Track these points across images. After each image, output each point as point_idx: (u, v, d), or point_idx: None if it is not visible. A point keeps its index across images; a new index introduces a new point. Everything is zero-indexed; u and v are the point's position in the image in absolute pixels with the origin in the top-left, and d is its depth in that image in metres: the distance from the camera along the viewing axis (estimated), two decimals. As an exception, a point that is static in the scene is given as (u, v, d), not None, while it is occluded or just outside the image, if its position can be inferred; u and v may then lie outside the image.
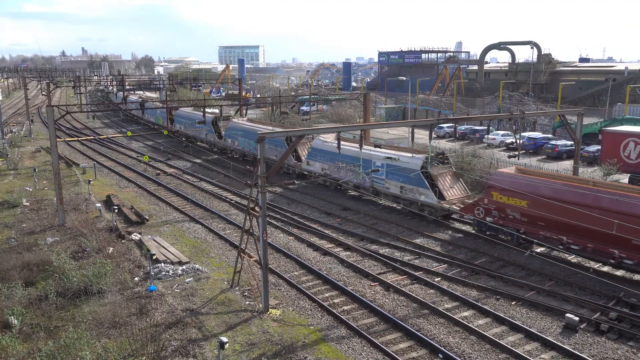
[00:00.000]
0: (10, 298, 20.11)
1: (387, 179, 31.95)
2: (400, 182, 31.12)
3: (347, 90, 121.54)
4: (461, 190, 30.76)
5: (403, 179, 30.87)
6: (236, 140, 48.27)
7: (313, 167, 37.94)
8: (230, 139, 49.05)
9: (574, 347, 17.00)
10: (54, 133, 30.30)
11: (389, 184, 31.88)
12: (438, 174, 30.20)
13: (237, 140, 48.11)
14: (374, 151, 33.39)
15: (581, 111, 31.28)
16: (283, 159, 19.96)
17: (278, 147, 40.88)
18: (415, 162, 30.40)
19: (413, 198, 30.38)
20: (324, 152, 36.22)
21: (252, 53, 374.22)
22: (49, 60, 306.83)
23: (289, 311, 19.64)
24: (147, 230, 29.14)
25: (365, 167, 32.05)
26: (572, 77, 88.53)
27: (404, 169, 30.72)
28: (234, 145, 48.85)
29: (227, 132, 49.96)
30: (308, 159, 38.61)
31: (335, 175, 35.60)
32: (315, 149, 37.56)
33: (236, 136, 48.09)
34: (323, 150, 36.60)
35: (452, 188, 30.38)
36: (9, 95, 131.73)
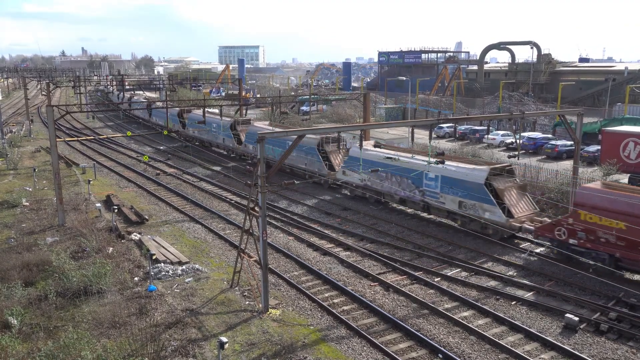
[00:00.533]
0: (9, 298, 20.11)
1: (442, 193, 28.45)
2: (459, 196, 27.61)
3: (347, 90, 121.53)
4: (529, 206, 27.04)
5: (463, 193, 27.36)
6: None
7: (350, 178, 34.38)
8: (253, 145, 44.69)
9: (574, 347, 17.00)
10: (53, 133, 30.30)
11: (444, 198, 28.38)
12: (504, 188, 26.59)
13: None
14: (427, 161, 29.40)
15: (581, 111, 31.25)
16: (283, 158, 19.95)
17: (309, 155, 38.06)
18: (478, 174, 26.88)
19: (475, 215, 26.70)
20: (365, 161, 32.05)
21: (252, 53, 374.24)
22: (48, 60, 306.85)
23: (289, 311, 19.64)
24: (147, 230, 29.14)
25: (416, 180, 29.77)
26: (572, 77, 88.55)
27: (463, 182, 27.27)
28: (256, 151, 45.83)
29: (249, 137, 45.88)
30: (344, 169, 35.00)
31: (378, 187, 32.50)
32: (354, 158, 33.87)
33: None
34: (363, 159, 32.20)
35: (519, 204, 26.78)
36: (9, 95, 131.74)
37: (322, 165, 37.23)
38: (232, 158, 49.42)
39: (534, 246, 24.99)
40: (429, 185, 29.20)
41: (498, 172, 27.52)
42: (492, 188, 26.70)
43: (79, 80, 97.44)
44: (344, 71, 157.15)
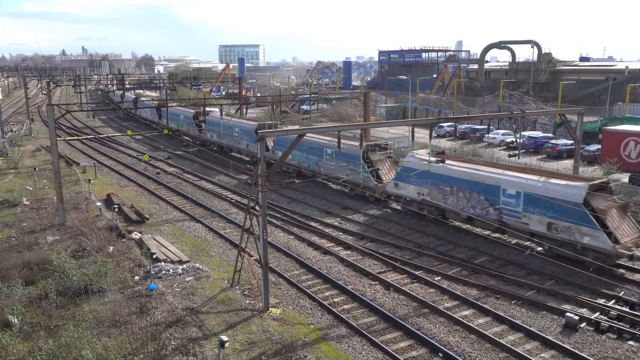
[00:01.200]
0: (10, 297, 20.12)
1: (524, 212, 24.58)
2: (548, 217, 23.68)
3: (347, 89, 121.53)
4: (633, 230, 23.66)
5: (553, 214, 23.48)
6: None
7: (404, 191, 30.52)
8: (282, 150, 40.20)
9: (574, 346, 17.01)
10: (54, 132, 30.31)
11: (528, 218, 24.46)
12: (606, 208, 22.93)
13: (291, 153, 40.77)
14: (506, 175, 25.78)
15: (581, 110, 31.28)
16: (283, 157, 19.96)
17: (351, 165, 34.08)
18: (575, 192, 22.98)
19: (570, 239, 22.98)
20: (423, 172, 28.99)
21: (252, 52, 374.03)
22: (49, 59, 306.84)
23: (289, 310, 19.65)
24: (148, 229, 29.15)
25: (491, 196, 25.79)
26: (572, 76, 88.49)
27: (555, 200, 23.41)
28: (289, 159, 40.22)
29: (277, 143, 42.08)
30: (397, 181, 31.17)
31: (439, 202, 28.52)
32: (409, 169, 30.26)
33: None
34: (421, 170, 29.16)
35: (622, 226, 23.42)
36: (9, 94, 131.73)
37: (368, 177, 33.32)
38: None
39: (535, 245, 25.00)
40: (508, 202, 25.34)
41: (598, 188, 23.96)
42: (591, 208, 23.02)
43: (79, 79, 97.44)
44: (344, 70, 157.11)
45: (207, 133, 53.83)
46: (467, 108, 73.18)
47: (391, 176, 33.01)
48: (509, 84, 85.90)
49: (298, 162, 39.54)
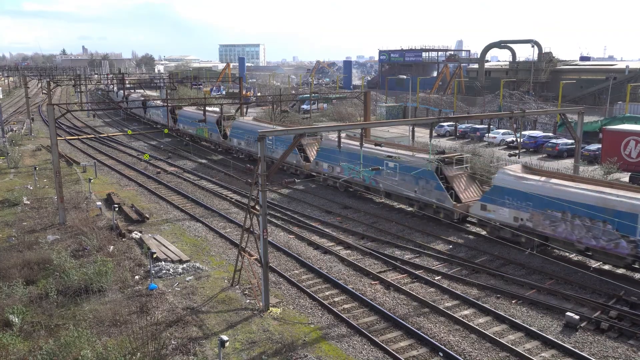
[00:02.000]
0: (10, 296, 20.13)
1: None
2: None
3: (347, 88, 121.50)
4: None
5: None
6: (336, 165, 35.63)
7: (495, 215, 25.63)
8: (329, 163, 36.39)
9: (574, 345, 17.00)
10: (54, 131, 30.31)
11: None
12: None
13: (337, 165, 35.56)
14: None
15: (582, 110, 31.26)
16: (283, 157, 19.95)
17: (421, 181, 29.37)
18: None
19: None
20: (518, 192, 24.40)
21: (252, 52, 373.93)
22: (49, 58, 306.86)
23: (290, 310, 19.65)
24: (148, 228, 29.16)
25: (623, 225, 20.77)
26: (572, 76, 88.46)
27: None
28: (333, 171, 36.00)
29: (321, 154, 37.51)
30: (485, 202, 26.23)
31: (546, 230, 23.63)
32: (501, 188, 25.34)
33: (336, 159, 35.36)
34: (518, 190, 24.46)
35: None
36: (10, 94, 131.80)
37: (444, 195, 28.37)
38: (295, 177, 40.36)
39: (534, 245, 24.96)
40: None
41: None
42: None
43: (80, 78, 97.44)
44: (344, 70, 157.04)
45: (233, 140, 48.23)
46: (467, 107, 73.17)
47: (470, 195, 28.98)
48: (509, 83, 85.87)
49: (349, 176, 33.89)
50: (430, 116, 62.20)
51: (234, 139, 48.02)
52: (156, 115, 69.45)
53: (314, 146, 40.03)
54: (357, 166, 29.34)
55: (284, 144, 40.23)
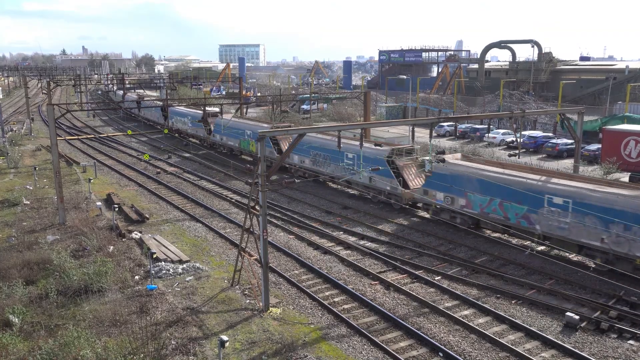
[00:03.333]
0: (10, 296, 20.12)
1: None
2: None
3: (347, 89, 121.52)
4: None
5: None
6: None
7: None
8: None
9: (574, 345, 17.00)
10: (54, 131, 30.31)
11: None
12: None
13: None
14: None
15: (582, 110, 31.27)
16: (283, 157, 19.95)
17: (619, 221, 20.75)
18: None
19: None
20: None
21: (252, 52, 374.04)
22: (49, 58, 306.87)
23: (290, 310, 19.65)
24: (148, 228, 29.16)
25: None
26: (572, 76, 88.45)
27: None
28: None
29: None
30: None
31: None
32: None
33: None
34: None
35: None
36: (10, 94, 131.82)
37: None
38: (356, 197, 35.05)
39: (535, 245, 24.99)
40: None
41: None
42: None
43: (80, 79, 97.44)
44: (344, 70, 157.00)
45: (292, 157, 39.54)
46: (467, 107, 73.15)
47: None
48: (509, 83, 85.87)
49: (482, 210, 25.94)
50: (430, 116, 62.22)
51: (294, 156, 39.46)
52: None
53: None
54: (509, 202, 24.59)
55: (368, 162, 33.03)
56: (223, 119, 51.30)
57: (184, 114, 58.85)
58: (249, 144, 45.38)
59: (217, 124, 51.75)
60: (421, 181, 30.94)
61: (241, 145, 46.95)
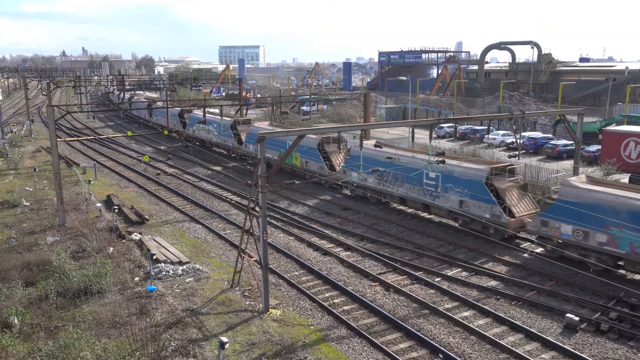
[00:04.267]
0: (10, 298, 20.11)
1: None
2: None
3: (347, 90, 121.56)
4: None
5: None
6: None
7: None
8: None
9: (574, 347, 16.99)
10: (54, 133, 30.31)
11: None
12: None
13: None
14: None
15: (581, 111, 31.27)
16: (284, 158, 19.95)
17: None
18: None
19: None
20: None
21: (252, 53, 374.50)
22: (49, 60, 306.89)
23: (289, 311, 19.64)
24: (148, 230, 29.14)
25: None
26: (572, 77, 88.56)
27: None
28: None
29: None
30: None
31: None
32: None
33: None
34: None
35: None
36: (10, 95, 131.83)
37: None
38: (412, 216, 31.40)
39: (534, 246, 24.98)
40: None
41: None
42: None
43: (80, 80, 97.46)
44: (344, 71, 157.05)
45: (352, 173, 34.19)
46: (467, 109, 73.20)
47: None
48: (509, 84, 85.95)
49: (633, 250, 20.95)
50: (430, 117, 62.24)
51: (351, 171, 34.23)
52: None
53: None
54: None
55: None
56: (258, 127, 43.54)
57: (208, 121, 51.02)
58: (292, 157, 39.60)
59: (250, 133, 43.80)
60: (526, 207, 26.22)
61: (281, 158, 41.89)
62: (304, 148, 37.49)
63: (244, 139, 46.35)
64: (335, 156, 37.34)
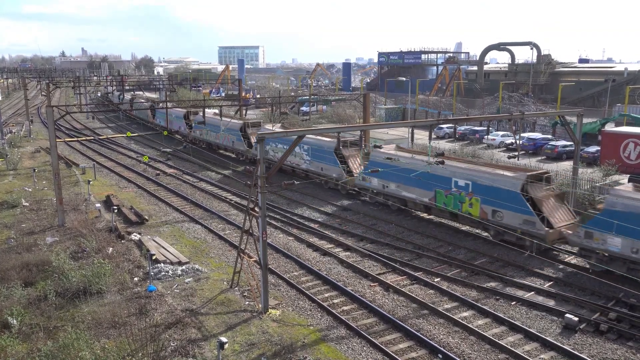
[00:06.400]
0: (9, 298, 20.09)
1: None
2: None
3: (346, 90, 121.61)
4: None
5: None
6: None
7: None
8: None
9: (574, 347, 17.00)
10: (53, 133, 30.30)
11: None
12: None
13: None
14: None
15: (581, 112, 31.29)
16: (284, 158, 19.95)
17: None
18: None
19: None
20: None
21: (251, 53, 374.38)
22: (48, 60, 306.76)
23: (289, 311, 19.63)
24: (147, 230, 29.13)
25: None
26: (571, 78, 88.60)
27: None
28: None
29: None
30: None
31: None
32: None
33: None
34: None
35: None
36: (9, 96, 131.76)
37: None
38: None
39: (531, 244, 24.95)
40: None
41: None
42: None
43: (79, 80, 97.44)
44: (343, 72, 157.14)
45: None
46: (466, 109, 73.25)
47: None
48: (508, 85, 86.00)
49: None
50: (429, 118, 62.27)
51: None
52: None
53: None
54: None
55: None
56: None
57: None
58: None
59: None
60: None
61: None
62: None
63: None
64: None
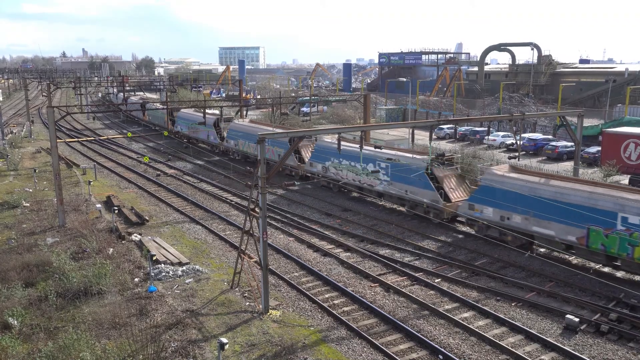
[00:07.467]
0: (10, 299, 20.10)
1: None
2: None
3: (347, 91, 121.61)
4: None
5: None
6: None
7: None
8: None
9: (574, 348, 16.98)
10: (54, 134, 30.31)
11: None
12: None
13: None
14: None
15: (581, 112, 31.29)
16: (284, 158, 19.95)
17: None
18: None
19: None
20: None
21: (252, 54, 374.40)
22: (49, 61, 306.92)
23: (289, 312, 19.62)
24: (147, 231, 29.13)
25: None
26: (572, 79, 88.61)
27: None
28: None
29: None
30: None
31: None
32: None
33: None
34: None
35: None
36: (10, 96, 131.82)
37: None
38: None
39: (535, 247, 24.96)
40: None
41: None
42: None
43: (80, 81, 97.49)
44: (344, 72, 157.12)
45: None
46: (467, 110, 73.22)
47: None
48: (509, 86, 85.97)
49: None
50: (429, 119, 62.24)
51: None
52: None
53: None
54: None
55: None
56: None
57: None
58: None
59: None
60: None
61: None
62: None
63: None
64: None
